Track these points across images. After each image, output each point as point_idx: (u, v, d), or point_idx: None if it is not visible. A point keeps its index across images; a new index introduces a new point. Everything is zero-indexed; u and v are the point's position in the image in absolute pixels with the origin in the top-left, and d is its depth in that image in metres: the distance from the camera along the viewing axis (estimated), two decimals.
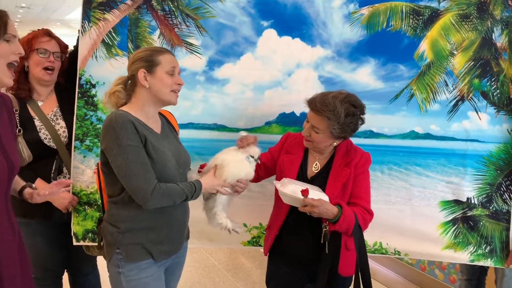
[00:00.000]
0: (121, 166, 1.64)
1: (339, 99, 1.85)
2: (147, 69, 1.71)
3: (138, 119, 1.70)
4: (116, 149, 1.63)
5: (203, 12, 2.28)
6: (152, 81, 1.72)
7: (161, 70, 1.73)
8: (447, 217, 2.34)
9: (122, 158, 1.63)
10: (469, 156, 2.32)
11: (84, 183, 2.27)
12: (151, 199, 1.65)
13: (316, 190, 1.86)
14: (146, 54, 1.73)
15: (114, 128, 1.63)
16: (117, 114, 1.66)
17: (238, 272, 3.78)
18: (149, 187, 1.64)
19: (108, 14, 2.24)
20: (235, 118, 2.35)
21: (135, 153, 1.64)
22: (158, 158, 1.70)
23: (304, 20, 2.29)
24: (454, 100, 2.31)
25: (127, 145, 1.62)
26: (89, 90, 2.27)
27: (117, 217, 1.76)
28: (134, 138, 1.64)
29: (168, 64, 1.74)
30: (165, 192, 1.68)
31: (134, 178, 1.63)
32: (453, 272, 3.27)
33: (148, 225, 1.75)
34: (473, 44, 2.28)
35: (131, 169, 1.63)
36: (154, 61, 1.72)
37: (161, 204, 1.70)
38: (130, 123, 1.64)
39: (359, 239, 1.84)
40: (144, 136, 1.67)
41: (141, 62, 1.72)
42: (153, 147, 1.69)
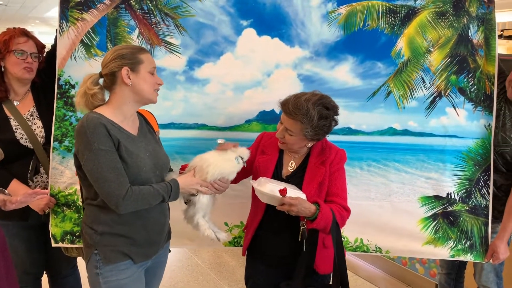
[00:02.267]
0: (92, 170, 1.63)
1: (312, 101, 1.85)
2: (130, 67, 1.69)
3: (112, 121, 1.68)
4: (87, 153, 1.62)
5: (182, 11, 2.27)
6: (135, 80, 1.70)
7: (144, 69, 1.72)
8: (427, 213, 2.36)
9: (93, 162, 1.62)
10: (448, 151, 2.34)
11: (63, 184, 2.26)
12: (123, 204, 1.63)
13: (293, 188, 1.87)
14: (127, 52, 1.71)
15: (85, 132, 1.61)
16: (88, 118, 1.64)
17: (222, 271, 3.77)
18: (121, 192, 1.62)
19: (86, 14, 2.23)
20: (215, 117, 2.35)
21: (107, 157, 1.62)
22: (132, 162, 1.68)
23: (283, 19, 2.29)
24: (431, 96, 2.33)
25: (98, 149, 1.61)
26: (68, 90, 2.25)
27: (94, 220, 1.75)
28: (105, 142, 1.62)
29: (150, 64, 1.74)
30: (139, 195, 1.66)
31: (106, 183, 1.62)
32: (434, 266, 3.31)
33: (125, 229, 1.74)
34: (450, 41, 2.30)
35: (102, 173, 1.61)
36: (137, 59, 1.70)
37: (136, 207, 1.68)
38: (102, 127, 1.62)
39: (336, 236, 1.86)
40: (117, 140, 1.65)
41: (123, 60, 1.69)
42: (127, 150, 1.68)
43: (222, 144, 1.92)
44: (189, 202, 1.94)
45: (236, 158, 1.91)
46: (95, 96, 1.72)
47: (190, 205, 1.93)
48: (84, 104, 1.73)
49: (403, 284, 3.43)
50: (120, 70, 1.69)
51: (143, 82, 1.72)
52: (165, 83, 2.27)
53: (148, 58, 1.75)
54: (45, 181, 2.23)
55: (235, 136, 2.32)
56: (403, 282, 3.43)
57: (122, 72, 1.68)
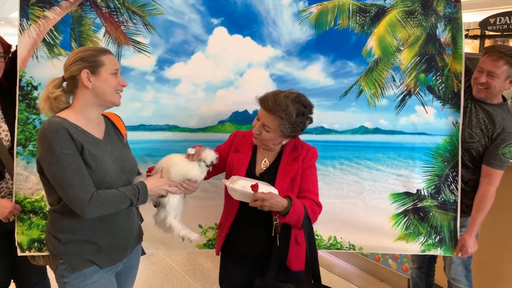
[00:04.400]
0: (55, 175, 1.58)
1: (291, 98, 1.87)
2: (90, 69, 1.64)
3: (75, 125, 1.63)
4: (49, 158, 1.56)
5: (150, 9, 2.21)
6: (96, 83, 1.65)
7: (106, 71, 1.66)
8: (398, 209, 2.40)
9: (56, 167, 1.57)
10: (418, 149, 2.39)
11: (29, 190, 2.16)
12: (88, 208, 1.59)
13: (265, 185, 1.87)
14: (88, 54, 1.66)
15: (47, 136, 1.56)
16: (50, 122, 1.59)
17: (196, 273, 3.73)
18: (86, 196, 1.58)
19: (48, 11, 2.13)
20: (187, 118, 2.30)
21: (70, 162, 1.57)
22: (97, 167, 1.64)
23: (254, 18, 2.27)
24: (401, 95, 2.37)
25: (61, 153, 1.56)
26: (31, 92, 2.15)
27: (57, 228, 1.70)
28: (68, 146, 1.57)
29: (112, 65, 1.69)
30: (104, 199, 1.62)
31: (70, 188, 1.57)
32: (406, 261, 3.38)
33: (88, 236, 1.70)
34: (419, 40, 2.34)
35: (65, 178, 1.57)
36: (98, 61, 1.65)
37: (102, 212, 1.64)
38: (64, 131, 1.57)
39: (308, 231, 1.87)
40: (80, 144, 1.60)
41: (83, 63, 1.64)
42: (91, 155, 1.63)
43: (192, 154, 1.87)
44: (159, 205, 1.90)
45: (198, 162, 1.88)
46: (58, 99, 1.67)
47: (160, 208, 1.89)
48: (49, 108, 1.68)
49: (377, 279, 3.49)
50: (80, 73, 1.64)
51: (104, 84, 1.66)
52: (134, 83, 2.23)
53: (111, 60, 1.69)
54: (10, 187, 2.13)
55: (208, 137, 2.29)
56: (377, 278, 3.49)
57: (82, 75, 1.64)
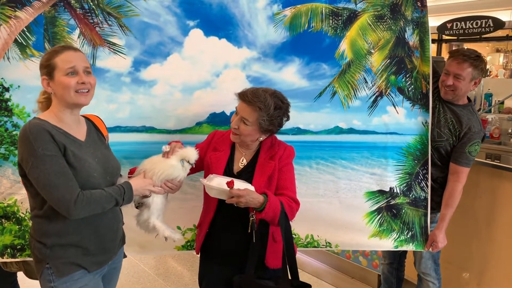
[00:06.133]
0: (39, 177, 1.54)
1: (269, 93, 1.94)
2: (47, 75, 1.63)
3: (57, 127, 1.61)
4: (32, 160, 1.53)
5: (126, 10, 2.20)
6: (54, 87, 1.63)
7: (59, 73, 1.61)
8: (372, 207, 2.47)
9: (39, 169, 1.53)
10: (390, 148, 2.47)
11: (1, 195, 2.10)
12: (75, 209, 1.56)
13: (241, 182, 1.90)
14: (44, 60, 1.64)
15: (28, 138, 1.53)
16: (31, 124, 1.57)
17: (169, 276, 3.70)
18: (72, 197, 1.55)
19: (20, 11, 2.09)
20: (164, 120, 2.30)
21: (53, 163, 1.55)
22: (80, 167, 1.61)
23: (229, 20, 2.29)
24: (373, 96, 2.44)
25: (43, 154, 1.53)
26: (2, 94, 2.10)
27: (42, 232, 1.66)
28: (50, 147, 1.55)
29: (65, 64, 1.61)
30: (90, 199, 1.60)
31: (55, 189, 1.54)
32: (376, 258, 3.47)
33: (76, 239, 1.67)
34: (388, 43, 2.43)
35: (50, 180, 1.54)
36: (51, 65, 1.62)
37: (88, 212, 1.61)
38: (45, 132, 1.55)
39: (285, 228, 1.90)
40: (63, 145, 1.58)
41: (42, 69, 1.64)
42: (75, 156, 1.61)
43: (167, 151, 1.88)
44: (141, 206, 1.90)
45: (181, 162, 1.88)
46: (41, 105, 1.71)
47: (143, 208, 1.89)
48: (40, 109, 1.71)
49: (348, 276, 3.56)
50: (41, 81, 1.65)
51: (60, 87, 1.62)
52: (109, 85, 2.22)
53: (63, 59, 1.62)
54: None
55: (186, 138, 2.28)
56: (348, 275, 3.57)
57: (42, 83, 1.65)
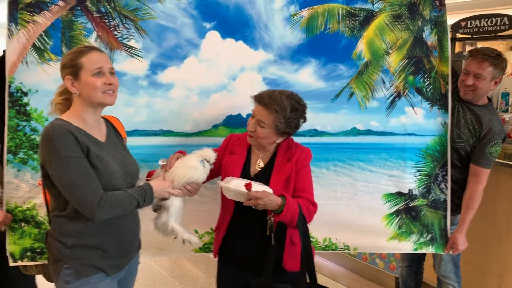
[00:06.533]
0: (62, 179, 1.54)
1: (285, 95, 1.92)
2: (72, 75, 1.62)
3: (79, 128, 1.61)
4: (55, 161, 1.53)
5: (142, 13, 2.20)
6: (79, 87, 1.62)
7: (86, 73, 1.61)
8: (391, 209, 2.44)
9: (63, 170, 1.53)
10: (408, 149, 2.44)
11: (20, 199, 2.12)
12: (99, 211, 1.56)
13: (259, 184, 1.88)
14: (68, 59, 1.63)
15: (51, 140, 1.53)
16: (54, 125, 1.56)
17: (185, 278, 3.70)
18: (96, 198, 1.55)
19: (38, 16, 2.10)
20: (181, 123, 2.29)
21: (77, 164, 1.54)
22: (103, 169, 1.61)
23: (246, 22, 2.28)
24: (391, 96, 2.42)
25: (67, 156, 1.53)
26: (21, 98, 2.11)
27: (63, 232, 1.66)
28: (74, 148, 1.54)
29: (92, 65, 1.61)
30: (114, 201, 1.60)
31: (78, 190, 1.54)
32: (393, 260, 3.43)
33: (97, 241, 1.66)
34: (406, 43, 2.40)
35: (73, 181, 1.54)
36: (77, 65, 1.61)
37: (111, 214, 1.61)
38: (68, 133, 1.55)
39: (303, 231, 1.88)
40: (86, 146, 1.58)
41: (65, 69, 1.63)
42: (97, 157, 1.60)
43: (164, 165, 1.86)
44: (159, 209, 1.89)
45: (202, 162, 1.88)
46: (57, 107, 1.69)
47: (162, 211, 1.88)
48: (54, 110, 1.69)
49: (365, 279, 3.53)
50: (65, 81, 1.64)
51: (87, 88, 1.62)
52: (126, 88, 2.22)
53: (90, 59, 1.62)
54: (0, 195, 2.08)
55: (202, 141, 2.28)
56: (364, 277, 3.53)
57: (66, 83, 1.63)
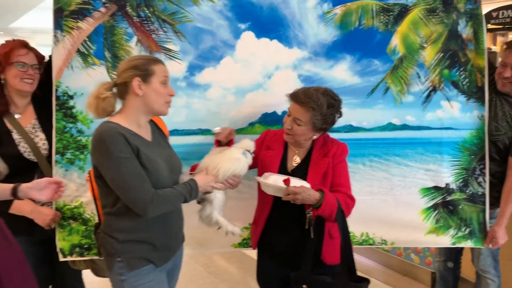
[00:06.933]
0: (115, 179, 1.63)
1: (321, 91, 1.95)
2: (142, 78, 1.69)
3: (128, 130, 1.69)
4: (108, 163, 1.62)
5: (180, 17, 2.26)
6: (146, 91, 1.70)
7: (156, 80, 1.71)
8: (428, 203, 2.44)
9: (115, 171, 1.62)
10: (445, 143, 2.43)
11: (68, 197, 2.22)
12: (151, 208, 1.65)
13: (297, 179, 1.93)
14: (140, 63, 1.71)
15: (104, 142, 1.61)
16: (106, 127, 1.64)
17: (220, 274, 3.78)
18: (148, 197, 1.63)
19: (81, 22, 2.19)
20: (218, 122, 2.33)
21: (128, 165, 1.62)
22: (152, 168, 1.69)
23: (280, 21, 2.32)
24: (427, 91, 2.41)
25: (119, 157, 1.61)
26: (67, 101, 2.21)
27: (114, 228, 1.75)
28: (125, 149, 1.62)
29: (162, 73, 1.73)
30: (164, 198, 1.68)
31: (131, 190, 1.62)
32: (428, 255, 3.42)
33: (146, 236, 1.75)
34: (441, 37, 2.39)
35: (126, 181, 1.62)
36: (149, 70, 1.70)
37: (161, 211, 1.70)
38: (120, 135, 1.62)
39: (342, 224, 1.91)
40: (136, 147, 1.66)
41: (135, 70, 1.69)
42: (146, 157, 1.68)
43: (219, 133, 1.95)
44: (203, 202, 1.97)
45: (244, 153, 1.95)
46: (107, 100, 1.72)
47: (206, 204, 1.95)
48: (95, 107, 1.72)
49: (399, 274, 3.53)
50: (132, 81, 1.69)
51: (154, 93, 1.71)
52: None
53: (161, 68, 1.74)
54: None
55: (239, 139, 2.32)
56: (399, 273, 3.53)
57: (133, 83, 1.69)
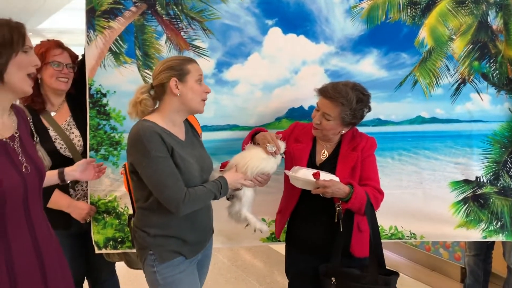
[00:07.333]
0: (151, 177, 1.69)
1: (350, 86, 1.97)
2: (178, 77, 1.74)
3: (164, 129, 1.74)
4: (145, 161, 1.67)
5: (208, 14, 2.30)
6: (183, 90, 1.75)
7: (192, 78, 1.77)
8: (458, 197, 2.42)
9: (152, 169, 1.68)
10: (475, 136, 2.41)
11: (102, 192, 2.29)
12: (183, 206, 1.71)
13: (326, 173, 1.94)
14: (176, 63, 1.77)
15: (142, 141, 1.66)
16: (143, 126, 1.69)
17: (248, 267, 3.83)
18: (181, 196, 1.69)
19: (113, 22, 2.25)
20: (246, 117, 2.39)
21: (164, 164, 1.68)
22: (184, 167, 1.74)
23: (307, 16, 2.33)
24: (456, 83, 2.39)
25: (156, 156, 1.67)
26: (100, 99, 2.28)
27: (146, 223, 1.82)
28: (162, 149, 1.68)
29: (196, 72, 1.79)
30: (195, 197, 1.74)
31: (166, 188, 1.68)
32: (458, 250, 3.38)
33: (176, 232, 1.81)
34: (471, 28, 2.36)
35: (161, 180, 1.68)
36: (184, 69, 1.76)
37: (193, 208, 1.76)
38: (157, 135, 1.68)
39: (371, 218, 1.93)
40: (170, 147, 1.71)
41: (171, 71, 1.75)
42: (180, 156, 1.74)
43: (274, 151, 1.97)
44: (232, 198, 2.01)
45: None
46: (144, 102, 1.78)
47: (235, 200, 2.00)
48: (135, 113, 1.80)
49: (428, 269, 3.50)
50: (169, 81, 1.74)
51: (190, 92, 1.77)
52: None
53: (195, 68, 1.80)
54: (85, 189, 2.26)
55: None
56: (428, 268, 3.50)
57: (170, 83, 1.74)
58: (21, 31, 1.42)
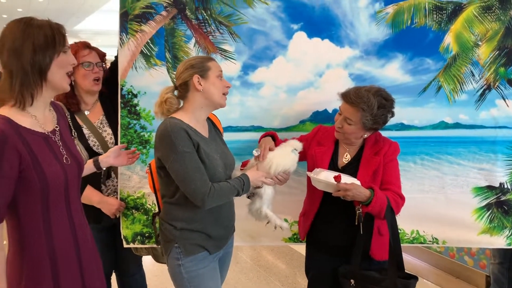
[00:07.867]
0: (179, 171, 1.77)
1: (372, 92, 1.98)
2: (200, 74, 1.84)
3: (189, 126, 1.82)
4: (173, 156, 1.76)
5: (235, 19, 2.38)
6: (205, 85, 1.85)
7: (213, 74, 1.86)
8: (481, 203, 2.41)
9: (179, 164, 1.76)
10: (499, 142, 2.39)
11: (131, 188, 2.39)
12: (208, 200, 1.78)
13: (348, 176, 1.98)
14: (196, 62, 1.87)
15: (170, 136, 1.75)
16: (171, 123, 1.78)
17: (270, 268, 3.88)
18: (206, 190, 1.77)
19: (144, 25, 2.35)
20: (270, 119, 2.45)
21: (191, 159, 1.77)
22: (209, 163, 1.82)
23: (332, 21, 2.38)
24: (481, 89, 2.39)
25: (183, 151, 1.75)
26: (131, 100, 2.38)
27: (173, 217, 1.90)
28: (188, 144, 1.77)
29: (216, 69, 1.89)
30: (220, 192, 1.81)
31: (192, 182, 1.76)
32: (483, 258, 3.33)
33: (200, 226, 1.89)
34: (497, 34, 2.36)
35: (188, 174, 1.76)
36: (205, 66, 1.86)
37: (218, 203, 1.84)
38: (184, 131, 1.77)
39: (391, 222, 1.95)
40: (196, 142, 1.80)
41: (193, 69, 1.85)
42: (205, 152, 1.82)
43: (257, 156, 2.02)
44: (253, 196, 2.08)
45: (293, 151, 2.04)
46: (169, 101, 1.87)
47: (256, 198, 2.06)
48: (161, 112, 1.89)
49: (452, 276, 3.47)
50: (192, 78, 1.83)
51: (212, 87, 1.86)
52: None
53: (215, 65, 1.90)
54: (115, 185, 2.37)
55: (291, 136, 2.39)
56: (452, 275, 3.47)
57: (193, 80, 1.84)
58: (61, 32, 1.53)
